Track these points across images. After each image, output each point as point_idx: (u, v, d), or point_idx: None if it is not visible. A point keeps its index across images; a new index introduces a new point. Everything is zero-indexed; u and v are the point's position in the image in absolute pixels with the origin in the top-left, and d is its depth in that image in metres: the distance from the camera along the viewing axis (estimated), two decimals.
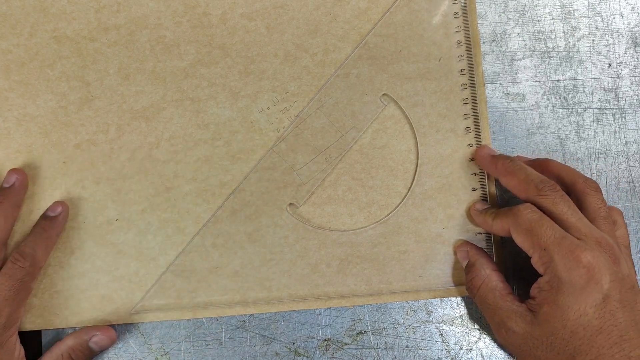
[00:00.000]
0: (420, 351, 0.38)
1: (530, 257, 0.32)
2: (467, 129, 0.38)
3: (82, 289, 0.37)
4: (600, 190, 0.34)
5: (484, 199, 0.38)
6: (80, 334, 0.36)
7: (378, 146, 0.38)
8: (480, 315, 0.38)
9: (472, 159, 0.38)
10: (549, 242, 0.31)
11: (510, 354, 0.38)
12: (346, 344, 0.38)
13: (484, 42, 0.40)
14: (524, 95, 0.40)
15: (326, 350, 0.38)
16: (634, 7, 0.40)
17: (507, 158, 0.36)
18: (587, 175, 0.39)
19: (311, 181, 0.38)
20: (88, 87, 0.38)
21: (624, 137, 0.40)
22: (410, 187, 0.38)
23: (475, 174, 0.38)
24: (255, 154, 0.38)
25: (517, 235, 0.33)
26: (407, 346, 0.38)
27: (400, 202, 0.38)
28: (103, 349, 0.37)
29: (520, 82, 0.40)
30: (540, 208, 0.33)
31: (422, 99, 0.38)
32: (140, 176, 0.38)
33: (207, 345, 0.38)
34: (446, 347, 0.38)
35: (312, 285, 0.37)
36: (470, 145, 0.38)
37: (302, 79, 0.38)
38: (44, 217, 0.37)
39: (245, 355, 0.38)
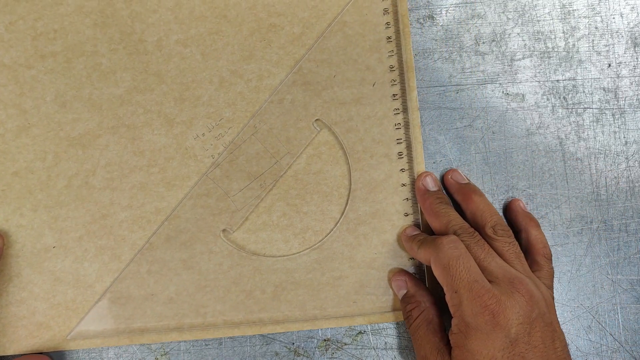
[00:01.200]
0: None
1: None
2: (400, 154, 0.38)
3: (20, 317, 0.37)
4: (508, 232, 0.35)
5: (416, 224, 0.38)
6: None
7: (313, 172, 0.38)
8: None
9: (404, 185, 0.38)
10: (461, 285, 0.31)
11: None
12: (346, 344, 0.38)
13: (484, 42, 0.39)
14: (523, 96, 0.40)
15: (326, 350, 0.38)
16: (633, 7, 0.40)
17: (437, 198, 0.36)
18: (587, 175, 0.39)
19: (246, 207, 0.38)
20: (25, 114, 0.38)
21: (624, 137, 0.40)
22: (343, 213, 0.38)
23: (407, 199, 0.38)
24: (190, 180, 0.38)
25: (435, 268, 0.33)
26: (407, 346, 0.38)
27: (333, 228, 0.38)
28: None
29: (520, 82, 0.40)
30: None
31: (356, 124, 0.38)
32: (77, 203, 0.38)
33: (207, 345, 0.38)
34: None
35: (247, 312, 0.38)
36: (402, 170, 0.38)
37: (236, 105, 0.38)
38: None
39: (245, 355, 0.38)
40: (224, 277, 0.38)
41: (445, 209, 0.36)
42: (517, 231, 0.37)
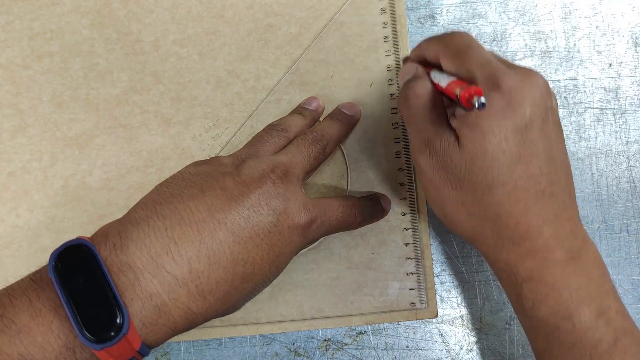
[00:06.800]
0: (420, 351, 0.38)
1: None
2: (397, 153, 0.38)
3: None
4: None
5: (413, 223, 0.38)
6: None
7: None
8: (481, 315, 0.38)
9: (401, 184, 0.38)
10: (474, 65, 0.29)
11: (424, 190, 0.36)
12: (346, 344, 0.38)
13: (484, 42, 0.39)
14: None
15: (326, 351, 0.38)
16: (634, 7, 0.40)
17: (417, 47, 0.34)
18: (588, 175, 0.39)
19: None
20: (21, 114, 0.38)
21: (625, 136, 0.40)
22: None
23: (405, 198, 0.38)
24: None
25: (446, 60, 0.30)
26: (407, 346, 0.38)
27: None
28: (384, 213, 0.38)
29: None
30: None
31: None
32: (73, 204, 0.38)
33: (207, 345, 0.38)
34: (446, 348, 0.38)
35: (244, 312, 0.37)
36: (400, 169, 0.38)
37: (233, 105, 0.38)
38: (338, 110, 0.37)
39: (245, 355, 0.38)
40: None
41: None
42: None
